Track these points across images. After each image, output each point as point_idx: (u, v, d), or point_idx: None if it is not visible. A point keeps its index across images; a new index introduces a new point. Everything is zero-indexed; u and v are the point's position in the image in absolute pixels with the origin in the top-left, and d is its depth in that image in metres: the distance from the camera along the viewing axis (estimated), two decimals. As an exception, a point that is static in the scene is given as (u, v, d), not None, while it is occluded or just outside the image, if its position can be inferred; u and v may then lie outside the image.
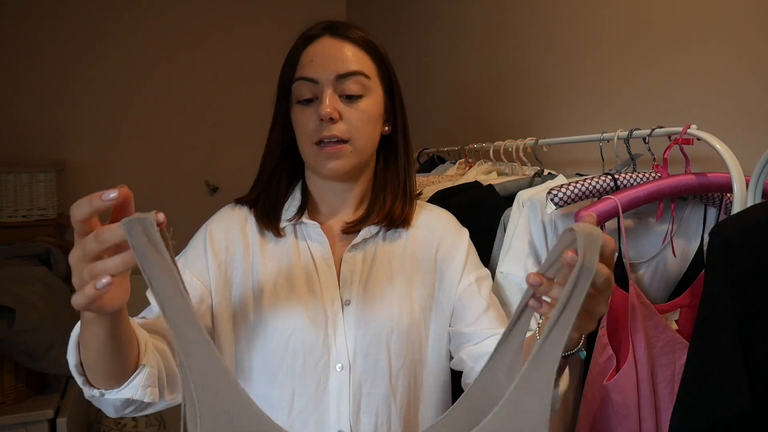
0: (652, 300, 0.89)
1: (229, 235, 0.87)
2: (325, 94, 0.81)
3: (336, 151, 0.82)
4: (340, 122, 0.81)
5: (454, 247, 0.91)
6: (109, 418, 2.25)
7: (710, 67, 1.10)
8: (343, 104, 0.82)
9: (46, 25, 2.54)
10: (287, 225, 0.89)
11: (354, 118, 0.82)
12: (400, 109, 0.91)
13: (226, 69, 2.85)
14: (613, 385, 0.83)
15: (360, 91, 0.83)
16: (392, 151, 0.92)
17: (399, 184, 0.91)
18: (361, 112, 0.83)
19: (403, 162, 0.92)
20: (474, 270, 0.91)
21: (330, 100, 0.80)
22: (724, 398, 0.68)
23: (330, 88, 0.81)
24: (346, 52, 0.83)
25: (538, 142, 1.26)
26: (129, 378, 0.67)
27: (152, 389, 0.70)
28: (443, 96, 2.20)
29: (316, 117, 0.81)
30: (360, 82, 0.82)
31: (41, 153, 2.53)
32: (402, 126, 0.91)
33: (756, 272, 0.68)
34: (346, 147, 0.82)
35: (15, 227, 2.15)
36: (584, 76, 1.44)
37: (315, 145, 0.82)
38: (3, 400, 1.67)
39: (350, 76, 0.82)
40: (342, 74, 0.81)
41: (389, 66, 0.89)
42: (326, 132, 0.81)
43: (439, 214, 0.96)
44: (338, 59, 0.82)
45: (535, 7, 1.63)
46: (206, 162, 2.76)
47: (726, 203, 0.94)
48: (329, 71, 0.81)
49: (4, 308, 1.58)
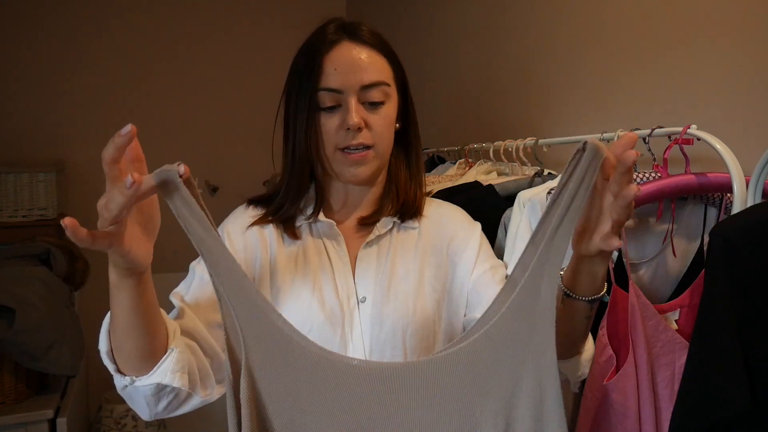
0: (652, 300, 0.89)
1: (246, 235, 0.88)
2: (350, 104, 0.82)
3: (362, 157, 0.84)
4: (365, 130, 0.83)
5: (467, 239, 0.92)
6: (110, 418, 2.25)
7: (710, 67, 1.10)
8: (366, 111, 0.84)
9: (46, 25, 2.54)
10: (303, 224, 0.90)
11: (378, 125, 0.84)
12: (411, 105, 0.93)
13: (227, 69, 2.85)
14: (613, 385, 0.83)
15: (382, 98, 0.85)
16: (404, 146, 0.94)
17: (409, 177, 0.93)
18: (383, 119, 0.85)
19: (415, 156, 0.94)
20: (488, 260, 0.91)
21: (356, 110, 0.82)
22: (724, 398, 0.68)
23: (354, 98, 0.83)
24: (368, 60, 0.84)
25: (538, 142, 1.26)
26: (158, 361, 0.69)
27: (182, 374, 0.70)
28: (443, 96, 2.20)
29: (341, 125, 0.83)
30: (383, 90, 0.84)
31: (41, 153, 2.52)
32: (413, 121, 0.94)
33: (756, 272, 0.68)
34: (370, 153, 0.85)
35: (15, 227, 2.15)
36: (584, 76, 1.44)
37: (339, 152, 0.84)
38: (3, 400, 1.67)
39: (374, 87, 0.83)
40: (367, 85, 0.83)
41: (401, 65, 0.90)
42: (353, 141, 0.83)
43: (450, 208, 0.97)
44: (361, 68, 0.83)
45: (535, 7, 1.63)
46: (206, 162, 2.76)
47: (726, 203, 0.94)
48: (354, 82, 0.82)
49: (4, 308, 1.58)
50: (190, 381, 0.73)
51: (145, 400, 0.71)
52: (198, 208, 0.59)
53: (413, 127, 0.94)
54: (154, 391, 0.69)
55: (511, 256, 0.95)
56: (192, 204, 0.58)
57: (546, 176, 1.18)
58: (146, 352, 0.68)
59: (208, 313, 0.81)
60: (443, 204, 0.98)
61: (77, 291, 2.04)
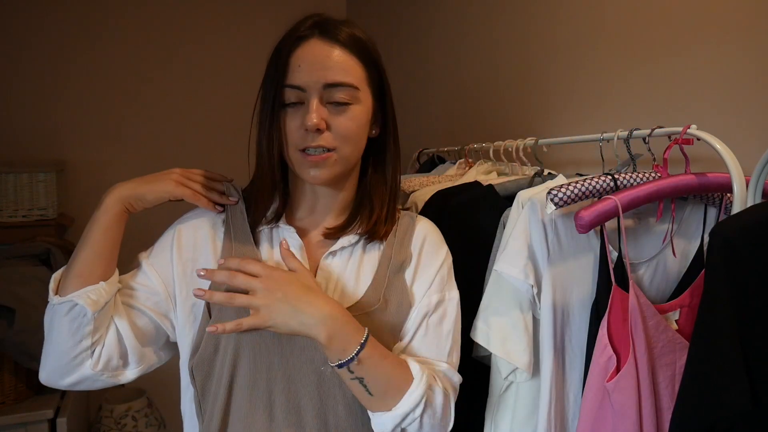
0: (652, 300, 0.89)
1: (197, 234, 0.87)
2: (311, 103, 0.78)
3: (321, 160, 0.80)
4: (326, 132, 0.80)
5: (428, 264, 0.90)
6: (110, 418, 2.25)
7: (710, 67, 1.10)
8: (330, 112, 0.80)
9: (46, 26, 2.54)
10: (263, 228, 0.87)
11: (341, 127, 0.80)
12: (390, 111, 0.88)
13: (226, 68, 2.85)
14: (613, 385, 0.83)
15: (348, 99, 0.80)
16: (380, 155, 0.90)
17: (386, 190, 0.90)
18: (348, 121, 0.81)
19: (392, 167, 0.90)
20: (436, 292, 0.89)
21: (317, 111, 0.78)
22: (724, 398, 0.68)
23: (316, 98, 0.79)
24: (335, 59, 0.80)
25: (538, 142, 1.25)
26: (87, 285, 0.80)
27: (96, 301, 0.78)
28: (443, 96, 2.20)
29: (302, 124, 0.79)
30: (349, 92, 0.80)
31: (41, 153, 2.52)
32: (392, 129, 0.89)
33: (756, 272, 0.68)
34: (332, 155, 0.81)
35: (15, 227, 2.15)
36: (584, 76, 1.44)
37: (300, 152, 0.81)
38: (3, 400, 1.67)
39: (338, 87, 0.79)
40: (330, 84, 0.79)
41: (380, 68, 0.86)
42: (312, 142, 0.79)
43: (422, 227, 0.93)
44: (326, 66, 0.79)
45: (535, 7, 1.63)
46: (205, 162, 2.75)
47: (726, 203, 0.94)
48: (316, 79, 0.78)
49: (4, 308, 1.58)
50: (101, 319, 0.80)
51: (65, 325, 0.78)
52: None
53: (391, 136, 0.89)
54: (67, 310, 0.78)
55: (501, 254, 0.94)
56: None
57: (546, 176, 1.18)
58: (85, 271, 0.81)
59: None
60: (419, 220, 0.95)
61: (77, 291, 2.03)
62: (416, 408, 0.78)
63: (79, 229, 2.64)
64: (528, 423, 0.95)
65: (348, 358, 0.76)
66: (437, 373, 0.84)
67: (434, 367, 0.85)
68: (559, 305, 0.92)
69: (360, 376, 0.77)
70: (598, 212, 0.84)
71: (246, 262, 0.79)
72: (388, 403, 0.78)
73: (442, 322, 0.87)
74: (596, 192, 0.89)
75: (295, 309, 0.76)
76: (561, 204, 0.87)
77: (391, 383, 0.78)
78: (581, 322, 0.93)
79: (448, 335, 0.88)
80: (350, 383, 0.78)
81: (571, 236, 0.92)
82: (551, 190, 0.88)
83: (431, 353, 0.86)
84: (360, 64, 0.82)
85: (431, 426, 0.81)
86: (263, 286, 0.76)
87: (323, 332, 0.75)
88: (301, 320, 0.75)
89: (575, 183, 0.88)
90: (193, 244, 0.86)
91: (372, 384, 0.77)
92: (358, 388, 0.78)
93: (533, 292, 0.91)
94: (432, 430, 0.81)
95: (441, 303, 0.88)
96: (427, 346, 0.86)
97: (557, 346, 0.92)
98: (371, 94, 0.85)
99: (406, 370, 0.80)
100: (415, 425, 0.79)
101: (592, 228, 0.85)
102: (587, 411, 0.86)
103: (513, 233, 0.93)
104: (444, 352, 0.86)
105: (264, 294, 0.76)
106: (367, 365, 0.77)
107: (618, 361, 0.85)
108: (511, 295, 0.93)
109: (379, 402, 0.78)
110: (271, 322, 0.76)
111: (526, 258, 0.91)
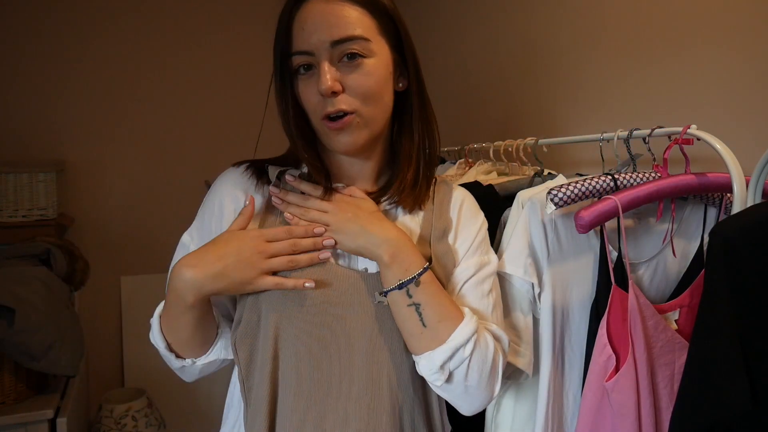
0: (651, 300, 0.89)
1: (239, 202, 0.85)
2: (322, 66, 0.74)
3: (343, 125, 0.76)
4: (342, 94, 0.75)
5: (467, 227, 0.88)
6: (110, 418, 2.25)
7: (710, 67, 1.10)
8: (342, 71, 0.75)
9: (46, 26, 2.54)
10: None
11: (356, 85, 0.75)
12: (413, 62, 0.83)
13: (226, 68, 2.85)
14: (612, 385, 0.83)
15: (360, 52, 0.75)
16: (406, 112, 0.84)
17: (413, 151, 0.84)
18: (363, 77, 0.76)
19: (420, 124, 0.84)
20: (477, 255, 0.87)
21: (328, 73, 0.74)
22: (724, 398, 0.68)
23: (326, 60, 0.74)
24: (339, 13, 0.74)
25: (538, 142, 1.25)
26: (212, 343, 0.84)
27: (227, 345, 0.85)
28: (444, 96, 2.20)
29: (318, 90, 0.75)
30: (360, 45, 0.75)
31: (41, 153, 2.52)
32: (415, 81, 0.83)
33: (756, 272, 0.68)
34: (353, 118, 0.77)
35: (15, 227, 2.15)
36: (585, 76, 1.44)
37: (323, 121, 0.77)
38: (3, 400, 1.67)
39: (347, 42, 0.74)
40: (337, 40, 0.73)
41: (395, 17, 0.80)
42: (330, 107, 0.75)
43: (459, 194, 0.91)
44: (332, 24, 0.73)
45: (537, 7, 1.63)
46: (206, 161, 2.76)
47: (726, 203, 0.94)
48: (322, 39, 0.73)
49: (4, 308, 1.58)
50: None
51: (199, 372, 0.86)
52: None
53: (418, 89, 0.84)
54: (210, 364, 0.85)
55: (502, 254, 0.94)
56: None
57: (546, 176, 1.18)
58: (204, 341, 0.83)
59: None
60: (452, 186, 0.92)
61: (77, 291, 2.04)
62: (467, 343, 0.75)
63: (79, 229, 2.65)
64: (528, 423, 0.95)
65: (409, 277, 0.76)
66: (486, 328, 0.82)
67: (484, 323, 0.82)
68: (559, 305, 0.92)
69: (417, 301, 0.76)
70: (598, 212, 0.84)
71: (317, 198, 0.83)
72: (440, 335, 0.75)
73: (483, 282, 0.85)
74: (596, 192, 0.89)
75: (363, 228, 0.78)
76: (561, 204, 0.87)
77: (444, 314, 0.76)
78: (581, 322, 0.93)
79: (489, 294, 0.85)
80: (405, 311, 0.76)
81: (571, 236, 0.93)
82: (551, 190, 0.88)
83: (476, 310, 0.84)
84: (367, 14, 0.76)
85: (479, 376, 0.77)
86: (335, 207, 0.80)
87: (387, 251, 0.76)
88: (367, 239, 0.78)
89: (575, 183, 0.88)
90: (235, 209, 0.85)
91: (427, 312, 0.76)
92: (411, 317, 0.76)
93: (533, 291, 0.91)
94: (479, 382, 0.77)
95: (481, 264, 0.86)
96: (471, 304, 0.84)
97: (557, 346, 0.92)
98: (388, 45, 0.79)
99: (458, 308, 0.79)
100: (464, 368, 0.76)
101: (592, 228, 0.85)
102: (586, 410, 0.86)
103: (513, 233, 0.93)
104: (488, 310, 0.84)
105: (335, 213, 0.80)
106: (425, 290, 0.76)
107: (617, 360, 0.85)
108: (512, 294, 0.93)
109: (430, 335, 0.76)
110: (340, 236, 0.79)
111: (527, 258, 0.91)
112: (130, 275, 2.67)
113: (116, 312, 2.66)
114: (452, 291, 0.84)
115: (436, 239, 0.84)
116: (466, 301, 0.84)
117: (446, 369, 0.76)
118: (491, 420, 0.99)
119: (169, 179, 2.72)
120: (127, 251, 2.67)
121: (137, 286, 2.67)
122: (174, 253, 0.87)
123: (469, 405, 0.80)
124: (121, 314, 2.66)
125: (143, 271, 2.66)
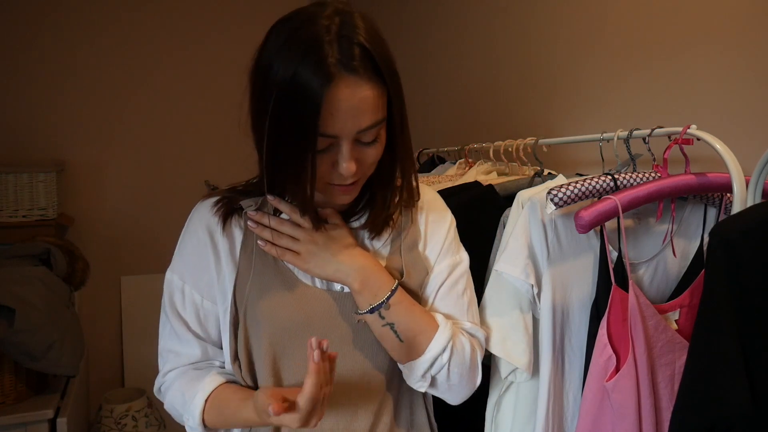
0: (652, 300, 0.89)
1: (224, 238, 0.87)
2: (344, 150, 0.75)
3: (351, 189, 0.81)
4: (356, 168, 0.77)
5: (436, 231, 0.92)
6: (110, 418, 2.25)
7: (710, 67, 1.10)
8: (360, 147, 0.77)
9: (46, 26, 2.54)
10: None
11: (369, 159, 0.78)
12: (398, 99, 0.78)
13: (226, 68, 2.83)
14: (613, 385, 0.83)
15: (377, 133, 0.77)
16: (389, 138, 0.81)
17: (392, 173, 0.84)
18: (375, 150, 0.78)
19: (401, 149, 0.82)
20: (448, 256, 0.91)
21: (351, 158, 0.75)
22: (724, 398, 0.68)
23: (348, 142, 0.74)
24: (366, 99, 0.72)
25: (538, 142, 1.25)
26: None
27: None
28: (443, 96, 2.20)
29: (334, 166, 0.76)
30: (380, 125, 0.76)
31: (41, 153, 2.52)
32: (399, 115, 0.79)
33: (756, 272, 0.68)
34: (359, 181, 0.81)
35: (15, 227, 2.15)
36: (584, 76, 1.44)
37: (328, 185, 0.79)
38: (3, 400, 1.67)
39: (371, 128, 0.75)
40: (362, 129, 0.74)
41: (396, 73, 0.78)
42: (344, 181, 0.78)
43: (422, 200, 0.92)
44: (359, 112, 0.72)
45: (536, 7, 1.63)
46: (206, 161, 2.76)
47: (726, 203, 0.94)
48: (350, 128, 0.73)
49: (4, 308, 1.58)
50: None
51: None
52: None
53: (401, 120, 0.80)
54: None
55: (501, 254, 0.94)
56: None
57: (546, 176, 1.18)
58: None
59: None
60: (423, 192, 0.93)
61: (77, 291, 2.04)
62: (444, 352, 0.82)
63: (79, 229, 2.65)
64: (528, 423, 0.95)
65: (379, 302, 0.81)
66: (461, 329, 0.88)
67: (458, 324, 0.88)
68: (559, 305, 0.92)
69: (390, 321, 0.82)
70: (598, 212, 0.84)
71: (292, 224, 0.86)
72: (417, 348, 0.82)
73: (456, 283, 0.90)
74: (596, 192, 0.89)
75: (333, 257, 0.83)
76: (561, 204, 0.87)
77: (419, 328, 0.83)
78: (581, 322, 0.93)
79: (464, 294, 0.91)
80: (381, 331, 0.83)
81: (571, 236, 0.93)
82: (551, 190, 0.88)
83: (451, 313, 0.89)
84: (383, 86, 0.75)
85: (460, 376, 0.84)
86: (306, 236, 0.84)
87: (357, 279, 0.82)
88: (336, 267, 0.83)
89: (575, 183, 0.88)
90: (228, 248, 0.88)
91: (402, 329, 0.82)
92: (388, 335, 0.82)
93: (533, 291, 0.91)
94: (461, 381, 0.85)
95: (453, 265, 0.91)
96: (446, 308, 0.89)
97: (557, 346, 0.92)
98: (390, 102, 0.78)
99: (432, 319, 0.85)
100: (444, 372, 0.83)
101: (592, 228, 0.85)
102: (587, 410, 0.86)
103: (513, 233, 0.93)
104: (463, 310, 0.90)
105: (305, 243, 0.84)
106: (396, 310, 0.82)
107: (617, 360, 0.85)
108: (511, 294, 0.93)
109: (409, 349, 0.83)
110: (310, 264, 0.83)
111: (526, 258, 0.91)
112: (130, 275, 2.67)
113: (116, 312, 2.66)
114: (428, 297, 0.90)
115: (406, 250, 0.89)
116: (442, 304, 0.89)
117: (428, 377, 0.84)
118: (491, 420, 0.99)
119: (169, 179, 2.72)
120: (127, 251, 2.67)
121: (137, 286, 2.67)
122: (163, 292, 0.89)
123: (453, 398, 0.88)
124: (121, 314, 2.66)
125: (143, 271, 2.66)
